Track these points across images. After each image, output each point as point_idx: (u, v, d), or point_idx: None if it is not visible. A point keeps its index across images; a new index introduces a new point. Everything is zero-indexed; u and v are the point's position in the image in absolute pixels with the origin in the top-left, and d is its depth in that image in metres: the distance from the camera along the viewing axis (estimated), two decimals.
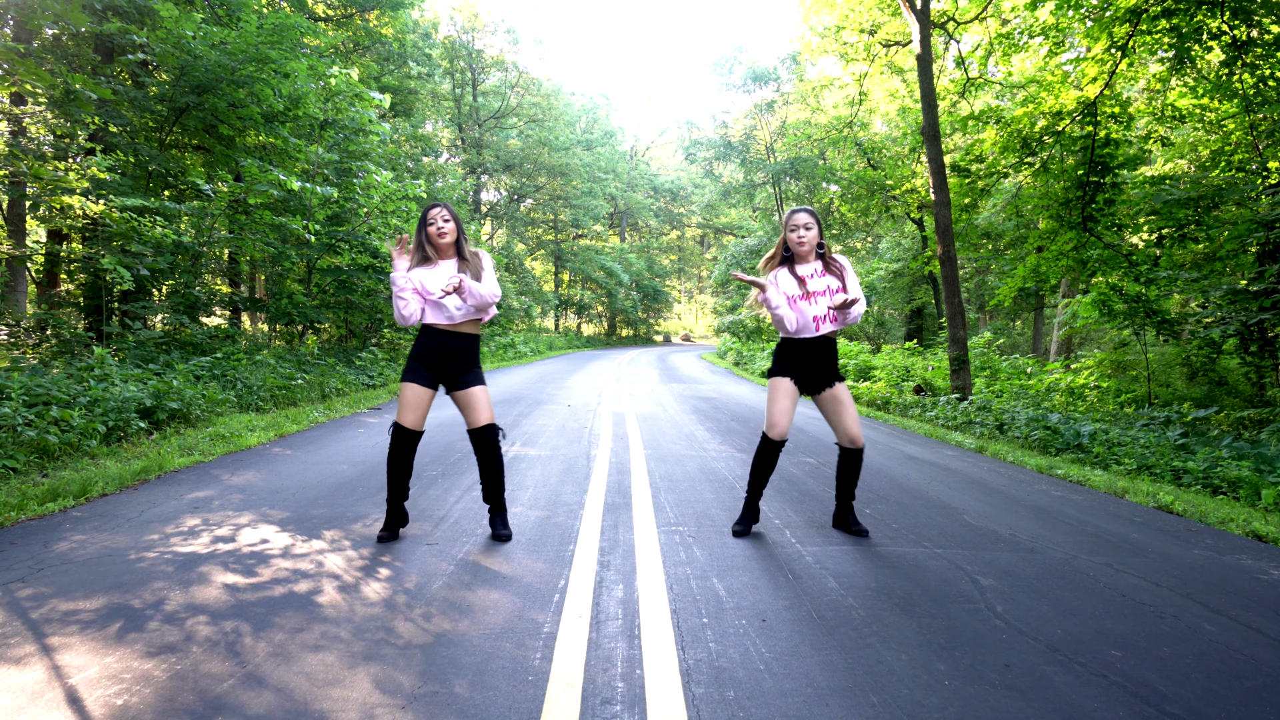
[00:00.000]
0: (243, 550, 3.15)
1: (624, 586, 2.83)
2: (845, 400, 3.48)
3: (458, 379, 3.30)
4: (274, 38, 9.07)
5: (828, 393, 3.48)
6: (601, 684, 2.06)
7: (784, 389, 3.45)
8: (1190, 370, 9.58)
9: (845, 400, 3.48)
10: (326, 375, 9.24)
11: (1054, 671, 2.21)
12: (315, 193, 9.64)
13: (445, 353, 3.27)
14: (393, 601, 2.62)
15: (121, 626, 2.36)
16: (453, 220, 3.29)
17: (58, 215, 7.51)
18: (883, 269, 22.61)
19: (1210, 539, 3.91)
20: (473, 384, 3.31)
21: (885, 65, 16.58)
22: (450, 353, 3.27)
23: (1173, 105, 9.49)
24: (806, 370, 3.46)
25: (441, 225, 3.25)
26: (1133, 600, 2.86)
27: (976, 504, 4.49)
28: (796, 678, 2.12)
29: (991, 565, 3.23)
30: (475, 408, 3.30)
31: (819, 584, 2.91)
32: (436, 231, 3.25)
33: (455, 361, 3.29)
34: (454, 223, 3.29)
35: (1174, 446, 6.34)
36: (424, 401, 3.25)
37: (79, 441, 4.90)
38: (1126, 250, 9.31)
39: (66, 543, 3.21)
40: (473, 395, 3.29)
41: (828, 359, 3.47)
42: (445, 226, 3.26)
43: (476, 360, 3.37)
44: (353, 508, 3.90)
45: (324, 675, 2.07)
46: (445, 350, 3.27)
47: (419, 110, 20.51)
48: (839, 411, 3.48)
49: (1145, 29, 8.05)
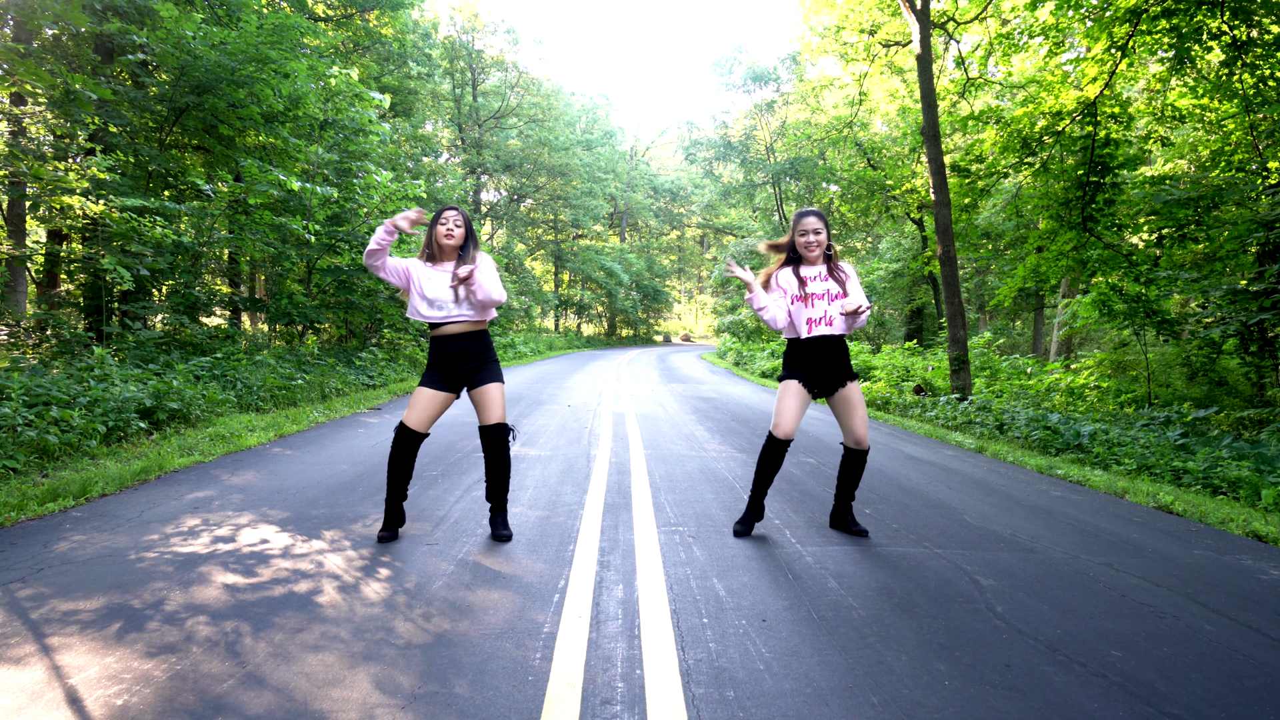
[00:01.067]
0: (243, 550, 3.15)
1: (624, 586, 2.83)
2: (856, 401, 3.48)
3: (472, 377, 3.33)
4: (274, 38, 9.07)
5: (840, 393, 3.48)
6: (601, 684, 2.06)
7: (791, 390, 3.45)
8: (1190, 370, 9.57)
9: (856, 401, 3.48)
10: (326, 375, 9.24)
11: (1054, 672, 2.21)
12: (315, 193, 9.64)
13: (453, 354, 3.29)
14: (393, 601, 2.62)
15: (121, 627, 2.36)
16: (464, 227, 3.34)
17: (58, 215, 7.51)
18: (883, 269, 22.62)
19: (1210, 539, 3.91)
20: (486, 381, 3.32)
21: (885, 65, 16.58)
22: (457, 354, 3.29)
23: (1173, 105, 9.50)
24: (814, 371, 3.46)
25: (452, 228, 3.30)
26: (1133, 600, 2.86)
27: (976, 504, 4.49)
28: (796, 678, 2.12)
29: (991, 565, 3.23)
30: (488, 405, 3.32)
31: (819, 584, 2.91)
32: (445, 232, 3.29)
33: (464, 361, 3.30)
34: (465, 229, 3.33)
35: (1174, 446, 6.34)
36: (433, 405, 3.27)
37: (79, 442, 4.89)
38: (1126, 250, 9.31)
39: (66, 543, 3.21)
40: (485, 393, 3.32)
41: (837, 360, 3.45)
42: (455, 230, 3.30)
43: (488, 357, 3.37)
44: (353, 508, 3.90)
45: (324, 675, 2.07)
46: (452, 352, 3.29)
47: (419, 110, 20.50)
48: (848, 412, 3.48)
49: (1145, 29, 8.05)
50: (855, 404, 3.47)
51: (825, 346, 3.43)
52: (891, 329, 26.63)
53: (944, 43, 16.03)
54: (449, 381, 3.30)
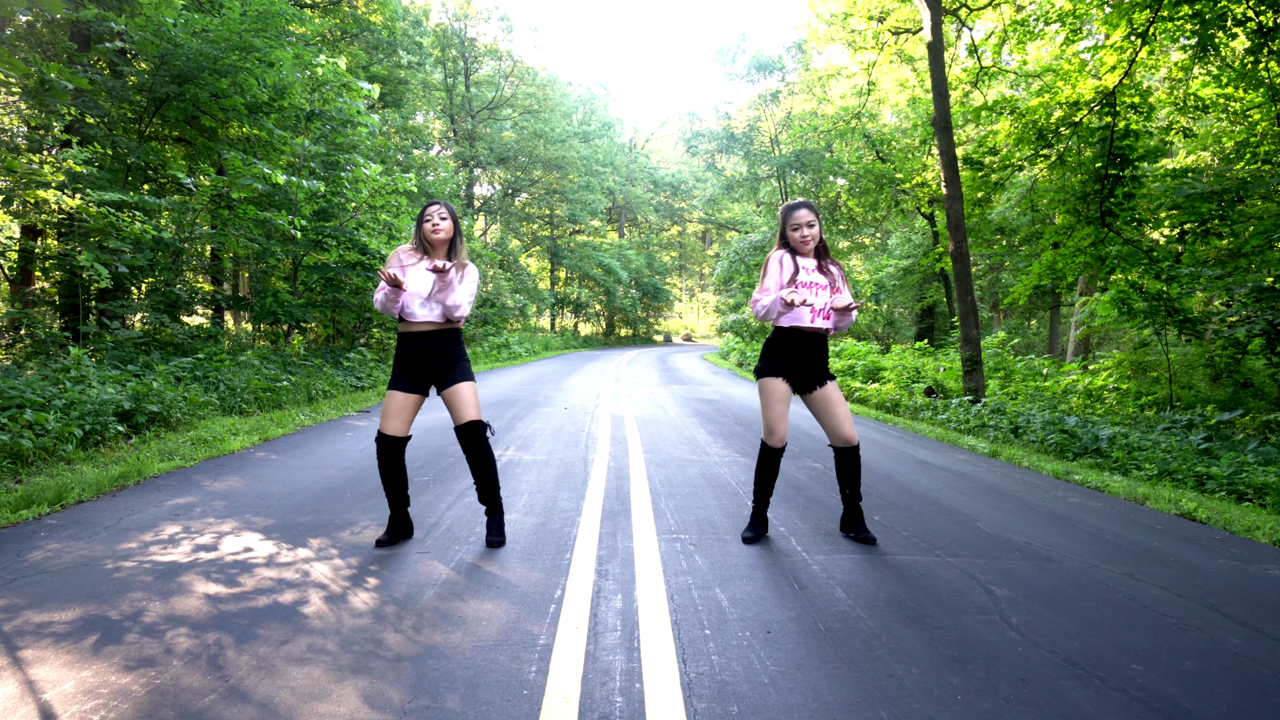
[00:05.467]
0: (225, 559, 3.15)
1: (623, 596, 2.83)
2: (837, 399, 3.50)
3: (443, 377, 3.36)
4: (258, 25, 9.07)
5: (819, 392, 3.49)
6: (599, 698, 2.06)
7: (778, 393, 3.45)
8: (1214, 371, 9.57)
9: (837, 399, 3.50)
10: (313, 377, 9.24)
11: (1071, 686, 2.21)
12: (301, 186, 9.63)
13: (421, 352, 3.33)
14: (381, 612, 2.62)
15: (98, 639, 2.35)
16: (450, 220, 3.39)
17: (32, 210, 7.51)
18: (892, 266, 22.62)
19: (1235, 548, 3.91)
20: (457, 380, 3.36)
21: (895, 54, 16.61)
22: (426, 351, 3.33)
23: (1195, 95, 9.50)
24: (799, 366, 3.47)
25: (437, 222, 3.34)
26: (1154, 612, 2.86)
27: (990, 511, 4.49)
28: (803, 692, 2.12)
29: (1006, 575, 3.23)
30: (459, 405, 3.35)
31: (826, 594, 2.91)
32: (432, 228, 3.34)
33: (433, 360, 3.34)
34: (450, 221, 3.39)
35: (1197, 451, 6.34)
36: (405, 407, 3.32)
37: (54, 446, 4.89)
38: (1147, 246, 9.31)
39: (41, 551, 3.21)
40: (457, 392, 3.35)
41: (820, 356, 3.49)
42: (441, 224, 3.35)
43: (459, 356, 3.42)
44: (340, 514, 3.90)
45: (310, 689, 2.06)
46: (420, 350, 3.33)
47: (409, 101, 20.52)
48: (831, 411, 3.49)
49: (1167, 15, 8.06)
50: (836, 402, 3.49)
51: (817, 341, 3.47)
52: (901, 328, 26.64)
53: (956, 30, 16.03)
54: (417, 382, 3.35)
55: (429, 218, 3.36)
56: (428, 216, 3.36)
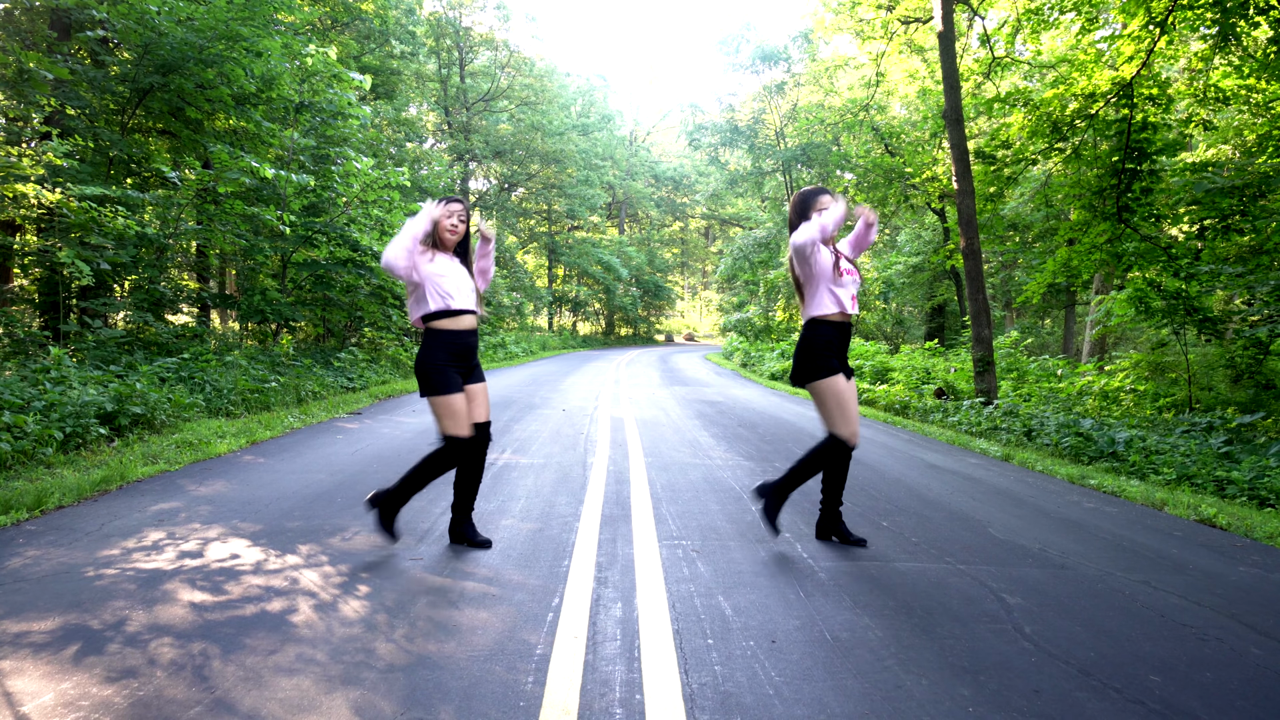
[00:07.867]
0: (211, 566, 3.15)
1: (623, 605, 2.83)
2: (854, 395, 3.54)
3: (470, 374, 3.47)
4: (245, 13, 9.07)
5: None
6: (599, 710, 2.06)
7: (849, 389, 3.46)
8: (1235, 373, 9.57)
9: (854, 395, 3.54)
10: (302, 378, 9.24)
11: (1087, 698, 2.21)
12: (290, 181, 9.64)
13: (467, 349, 3.40)
14: (373, 621, 2.62)
15: (79, 649, 2.35)
16: (466, 222, 3.49)
17: (10, 205, 7.51)
18: (901, 263, 22.62)
19: (1256, 555, 3.91)
20: (480, 378, 3.50)
21: (904, 44, 16.62)
22: (471, 349, 3.44)
23: (1216, 86, 9.49)
24: (844, 358, 3.52)
25: (456, 221, 3.42)
26: (1172, 621, 2.85)
27: (1003, 516, 4.49)
28: (809, 703, 2.12)
29: (1019, 583, 3.23)
30: (480, 403, 3.46)
31: (833, 602, 2.91)
32: (450, 226, 3.40)
33: (472, 357, 3.47)
34: (466, 225, 3.49)
35: (1217, 455, 6.34)
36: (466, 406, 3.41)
37: (33, 449, 4.89)
38: (1165, 243, 9.32)
39: (20, 558, 3.20)
40: (480, 390, 3.48)
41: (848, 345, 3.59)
42: (459, 225, 3.43)
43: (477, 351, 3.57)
44: (330, 520, 3.90)
45: (298, 701, 2.06)
46: (471, 347, 3.42)
47: (402, 92, 20.52)
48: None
49: (1186, 3, 8.06)
50: (853, 397, 3.53)
51: (851, 330, 3.55)
52: (911, 328, 26.63)
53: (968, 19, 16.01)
54: (461, 380, 3.41)
55: (450, 214, 3.40)
56: (449, 213, 3.40)
